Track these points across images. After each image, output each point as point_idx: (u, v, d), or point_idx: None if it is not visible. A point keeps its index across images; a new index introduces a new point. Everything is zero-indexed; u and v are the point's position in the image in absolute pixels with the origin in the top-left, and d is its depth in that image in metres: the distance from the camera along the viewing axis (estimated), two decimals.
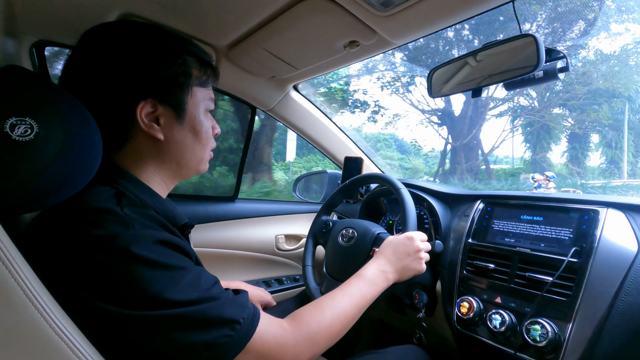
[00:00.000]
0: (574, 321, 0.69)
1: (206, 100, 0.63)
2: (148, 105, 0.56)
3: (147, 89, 0.56)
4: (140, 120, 0.55)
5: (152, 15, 0.82)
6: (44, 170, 0.43)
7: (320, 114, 1.39)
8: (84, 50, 0.57)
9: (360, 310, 0.67)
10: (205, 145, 0.64)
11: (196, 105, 0.61)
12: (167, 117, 0.58)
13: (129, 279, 0.44)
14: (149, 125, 0.56)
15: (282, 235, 1.43)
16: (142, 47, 0.56)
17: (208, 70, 0.63)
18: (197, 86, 0.61)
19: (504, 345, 0.78)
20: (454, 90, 0.92)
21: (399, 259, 0.77)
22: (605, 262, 0.70)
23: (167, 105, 0.58)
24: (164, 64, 0.56)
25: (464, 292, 0.89)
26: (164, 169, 0.61)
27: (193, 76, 0.60)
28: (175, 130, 0.59)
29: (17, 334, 0.39)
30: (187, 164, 0.63)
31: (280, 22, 0.81)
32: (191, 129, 0.61)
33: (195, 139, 0.62)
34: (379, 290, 0.72)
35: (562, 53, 0.70)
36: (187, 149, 0.62)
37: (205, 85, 0.63)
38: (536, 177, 0.96)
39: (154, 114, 0.57)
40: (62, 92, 0.49)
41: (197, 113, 0.61)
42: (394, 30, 0.79)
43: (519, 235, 0.86)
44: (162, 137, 0.58)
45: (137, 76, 0.55)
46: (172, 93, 0.58)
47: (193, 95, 0.60)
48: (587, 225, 0.76)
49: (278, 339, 0.53)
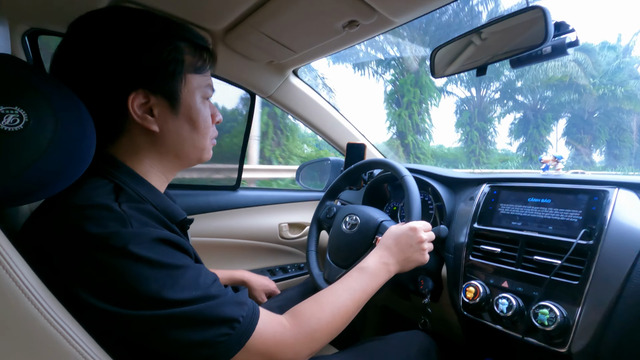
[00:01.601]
0: (583, 305, 0.68)
1: (203, 87, 0.60)
2: (140, 96, 0.53)
3: (137, 79, 0.53)
4: (132, 112, 0.53)
5: (145, 0, 0.79)
6: (35, 162, 0.42)
7: (322, 99, 1.36)
8: (72, 40, 0.54)
9: (361, 304, 0.66)
10: (204, 134, 0.61)
11: (191, 93, 0.58)
12: (161, 107, 0.55)
13: (127, 278, 0.44)
14: (142, 117, 0.54)
15: (285, 224, 1.43)
16: (130, 34, 0.53)
17: (204, 55, 0.60)
18: (192, 73, 0.58)
19: (511, 330, 0.77)
20: (459, 69, 0.89)
21: (401, 250, 0.76)
22: (616, 244, 0.68)
23: (159, 96, 0.55)
24: (152, 51, 0.53)
25: (469, 277, 0.87)
26: (163, 161, 0.59)
27: (186, 63, 0.56)
28: (170, 121, 0.57)
29: (13, 328, 0.38)
30: (186, 155, 0.61)
31: (277, 3, 0.78)
32: (187, 119, 0.58)
33: (193, 129, 0.59)
34: (380, 282, 0.71)
35: (570, 26, 0.67)
36: (185, 140, 0.59)
37: (201, 71, 0.59)
38: (544, 159, 0.94)
39: (147, 105, 0.54)
40: (53, 81, 0.47)
41: (192, 102, 0.58)
42: (394, 7, 0.75)
43: (526, 219, 0.84)
44: (156, 129, 0.55)
45: (126, 66, 0.52)
46: (164, 82, 0.55)
47: (187, 83, 0.57)
48: (596, 206, 0.74)
49: (277, 337, 0.52)
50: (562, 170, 0.90)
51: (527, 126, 19.62)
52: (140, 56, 0.53)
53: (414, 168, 1.14)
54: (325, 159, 1.61)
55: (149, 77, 0.54)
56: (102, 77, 0.53)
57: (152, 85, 0.54)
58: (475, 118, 19.68)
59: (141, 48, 0.53)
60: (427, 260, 0.79)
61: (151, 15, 0.57)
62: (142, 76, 0.53)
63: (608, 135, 18.80)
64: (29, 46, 0.87)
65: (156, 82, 0.54)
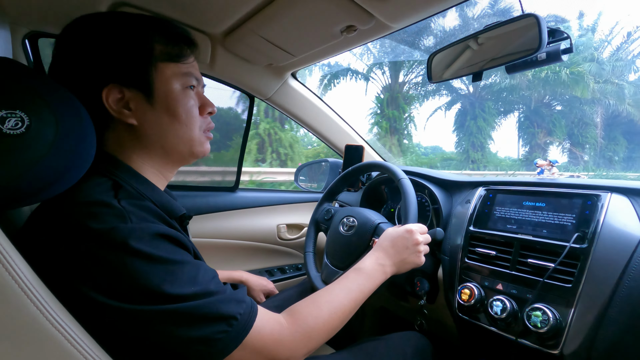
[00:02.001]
0: (576, 307, 0.69)
1: (180, 76, 0.58)
2: (115, 91, 0.54)
3: (109, 73, 0.54)
4: (108, 107, 0.54)
5: (145, 4, 0.80)
6: (36, 164, 0.43)
7: (320, 102, 1.37)
8: (61, 43, 0.56)
9: (357, 305, 0.67)
10: (188, 124, 0.59)
11: (166, 82, 0.57)
12: (136, 100, 0.55)
13: (127, 273, 0.44)
14: (119, 112, 0.55)
15: (284, 225, 1.43)
16: (103, 32, 0.55)
17: (179, 43, 0.59)
18: (166, 61, 0.57)
19: (505, 332, 0.78)
20: (456, 74, 0.90)
21: (398, 252, 0.77)
22: (608, 247, 0.69)
23: (132, 88, 0.55)
24: (117, 44, 0.54)
25: (465, 279, 0.88)
26: (152, 156, 0.59)
27: (156, 51, 0.56)
28: (149, 112, 0.56)
29: (14, 327, 0.39)
30: (173, 147, 0.60)
31: (276, 8, 0.79)
32: (165, 109, 0.57)
33: (173, 119, 0.58)
34: (376, 284, 0.72)
35: (565, 34, 0.68)
36: (167, 131, 0.58)
37: (176, 59, 0.58)
38: (539, 163, 0.95)
39: (124, 100, 0.55)
40: (53, 84, 0.48)
41: (169, 91, 0.57)
42: (391, 13, 0.76)
43: (521, 222, 0.85)
44: (134, 122, 0.55)
45: (98, 62, 0.54)
46: (134, 74, 0.55)
47: (160, 72, 0.56)
48: (590, 210, 0.75)
49: (275, 335, 0.53)
50: (556, 174, 0.91)
51: (463, 118, 16.16)
52: (108, 51, 0.54)
53: (412, 170, 1.15)
54: (323, 160, 1.61)
55: (117, 70, 0.54)
56: (79, 76, 0.54)
57: (123, 79, 0.54)
58: (386, 105, 15.68)
59: (109, 41, 0.54)
60: (422, 262, 0.79)
61: (129, 15, 0.58)
62: (111, 70, 0.54)
63: (567, 129, 15.99)
64: (29, 49, 0.88)
65: (126, 74, 0.54)
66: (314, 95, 1.35)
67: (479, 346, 0.94)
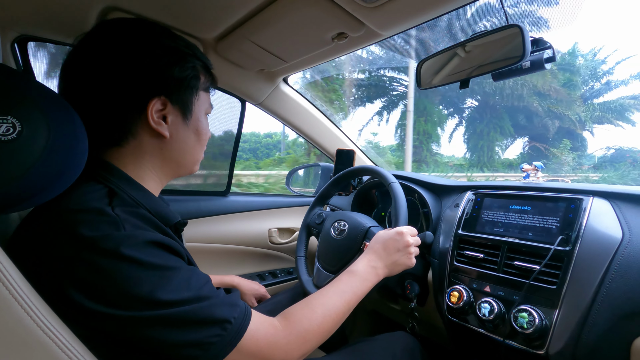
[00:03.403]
0: (560, 308, 0.71)
1: (207, 104, 0.66)
2: (159, 103, 0.57)
3: (161, 87, 0.57)
4: (150, 116, 0.56)
5: (137, 9, 0.80)
6: (29, 170, 0.43)
7: (311, 106, 1.38)
8: (88, 48, 0.56)
9: (351, 307, 0.68)
10: (203, 147, 0.67)
11: (200, 108, 0.64)
12: (175, 116, 0.60)
13: (119, 280, 0.44)
14: (158, 122, 0.58)
15: (275, 229, 1.44)
16: (158, 46, 0.57)
17: (210, 76, 0.67)
18: (202, 90, 0.64)
19: (493, 333, 0.80)
20: (444, 81, 0.92)
21: (389, 254, 0.78)
22: (590, 249, 0.72)
23: (176, 105, 0.59)
24: (179, 65, 0.58)
25: (454, 282, 0.90)
26: (163, 167, 0.62)
27: (201, 80, 0.63)
28: (181, 129, 0.61)
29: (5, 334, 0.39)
30: (185, 163, 0.65)
31: (268, 14, 0.80)
32: (195, 130, 0.63)
33: (197, 140, 0.64)
34: (369, 286, 0.73)
35: (548, 43, 0.70)
36: (189, 149, 0.64)
37: (208, 90, 0.66)
38: (525, 167, 0.97)
39: (163, 112, 0.58)
40: (44, 89, 0.48)
41: (200, 115, 0.64)
42: (381, 21, 0.78)
43: (508, 225, 0.87)
44: (167, 135, 0.59)
45: (152, 74, 0.56)
46: (183, 94, 0.60)
47: (198, 97, 0.63)
48: (573, 214, 0.78)
49: (269, 338, 0.54)
50: (541, 178, 0.94)
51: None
52: (171, 67, 0.58)
53: (402, 175, 1.17)
54: (315, 164, 1.63)
55: (172, 87, 0.58)
56: (126, 82, 0.55)
57: (173, 95, 0.59)
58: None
59: (172, 60, 0.58)
60: (414, 263, 0.81)
61: (169, 30, 0.61)
62: (167, 85, 0.58)
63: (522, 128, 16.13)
64: (18, 52, 0.87)
65: (177, 92, 0.59)
66: (305, 100, 1.37)
67: (469, 347, 0.95)
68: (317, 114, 1.40)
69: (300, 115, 1.38)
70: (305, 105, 1.37)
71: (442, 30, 13.88)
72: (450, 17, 13.60)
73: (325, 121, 1.43)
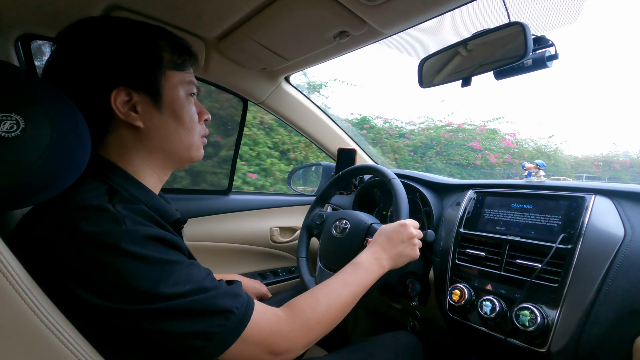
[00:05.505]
0: (562, 306, 0.71)
1: (185, 83, 0.61)
2: (122, 94, 0.55)
3: (118, 77, 0.55)
4: (115, 109, 0.55)
5: (139, 7, 0.81)
6: (32, 167, 0.43)
7: (313, 105, 1.38)
8: (62, 46, 0.56)
9: (355, 298, 0.68)
10: (191, 129, 0.62)
11: (173, 88, 0.59)
12: (144, 104, 0.57)
13: (120, 274, 0.44)
14: (126, 114, 0.56)
15: (276, 228, 1.44)
16: (111, 37, 0.56)
17: (183, 54, 0.62)
18: (172, 69, 0.59)
19: (495, 331, 0.80)
20: (446, 80, 0.91)
21: (393, 246, 0.78)
22: (592, 247, 0.72)
23: (142, 92, 0.56)
24: (130, 49, 0.56)
25: (455, 280, 0.90)
26: (152, 159, 0.60)
27: (165, 60, 0.58)
28: (155, 117, 0.58)
29: (9, 330, 0.39)
30: (174, 151, 0.62)
31: (270, 13, 0.80)
32: (172, 114, 0.59)
33: (178, 124, 0.60)
34: (374, 277, 0.73)
35: (550, 41, 0.70)
36: (171, 135, 0.60)
37: (181, 68, 0.61)
38: (526, 166, 0.97)
39: (131, 103, 0.56)
40: (47, 87, 0.48)
41: (175, 97, 0.60)
42: (383, 20, 0.78)
43: (510, 224, 0.87)
44: (141, 125, 0.57)
45: (107, 65, 0.55)
46: (144, 79, 0.57)
47: (168, 79, 0.59)
48: (575, 212, 0.77)
49: (273, 327, 0.54)
50: (543, 177, 0.94)
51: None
52: (122, 54, 0.55)
53: (403, 174, 1.17)
54: (316, 163, 1.63)
55: (128, 74, 0.55)
56: (87, 77, 0.55)
57: (133, 82, 0.56)
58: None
59: (123, 46, 0.55)
60: (418, 254, 0.81)
61: (135, 22, 0.59)
62: (122, 73, 0.55)
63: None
64: (21, 51, 0.87)
65: (137, 78, 0.56)
66: (306, 99, 1.37)
67: (470, 346, 0.95)
68: (319, 112, 1.40)
69: (302, 114, 1.38)
70: (307, 104, 1.37)
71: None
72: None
73: (326, 120, 1.43)
